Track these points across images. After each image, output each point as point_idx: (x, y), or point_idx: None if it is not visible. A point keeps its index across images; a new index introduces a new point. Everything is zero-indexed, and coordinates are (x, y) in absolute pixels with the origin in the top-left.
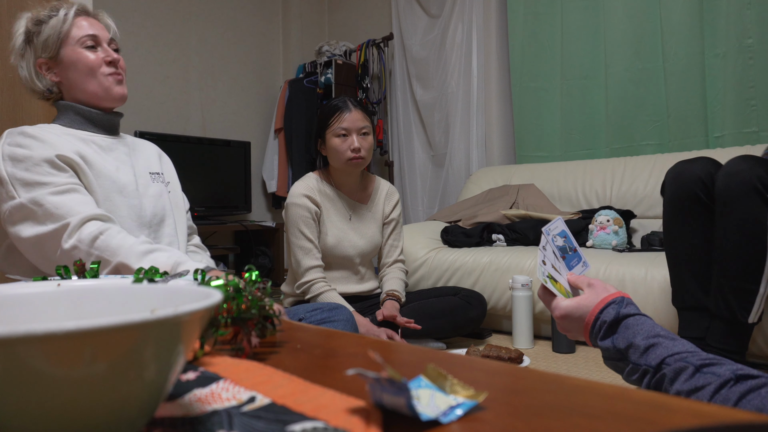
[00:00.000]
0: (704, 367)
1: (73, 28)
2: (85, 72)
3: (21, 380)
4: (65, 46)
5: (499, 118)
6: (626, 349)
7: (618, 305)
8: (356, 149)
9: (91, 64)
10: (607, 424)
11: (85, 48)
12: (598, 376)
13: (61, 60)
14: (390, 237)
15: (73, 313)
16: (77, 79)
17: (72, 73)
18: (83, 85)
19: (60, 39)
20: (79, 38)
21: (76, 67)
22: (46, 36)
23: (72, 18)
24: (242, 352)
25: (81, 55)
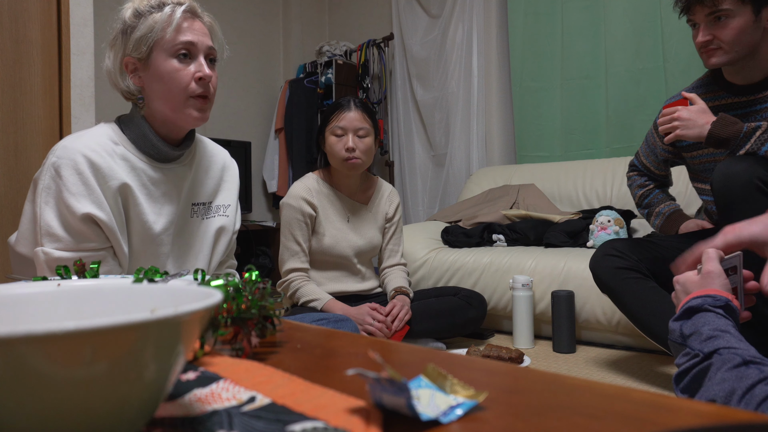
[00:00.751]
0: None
1: (173, 32)
2: (169, 88)
3: (21, 380)
4: (157, 50)
5: (500, 118)
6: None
7: (711, 299)
8: (350, 149)
9: (179, 80)
10: (607, 424)
11: (176, 58)
12: (598, 376)
13: (149, 65)
14: (390, 241)
15: (73, 313)
16: (160, 92)
17: (156, 85)
18: (163, 102)
19: (154, 41)
20: (174, 45)
21: (162, 80)
22: (141, 34)
23: (177, 20)
24: (242, 352)
25: (170, 67)
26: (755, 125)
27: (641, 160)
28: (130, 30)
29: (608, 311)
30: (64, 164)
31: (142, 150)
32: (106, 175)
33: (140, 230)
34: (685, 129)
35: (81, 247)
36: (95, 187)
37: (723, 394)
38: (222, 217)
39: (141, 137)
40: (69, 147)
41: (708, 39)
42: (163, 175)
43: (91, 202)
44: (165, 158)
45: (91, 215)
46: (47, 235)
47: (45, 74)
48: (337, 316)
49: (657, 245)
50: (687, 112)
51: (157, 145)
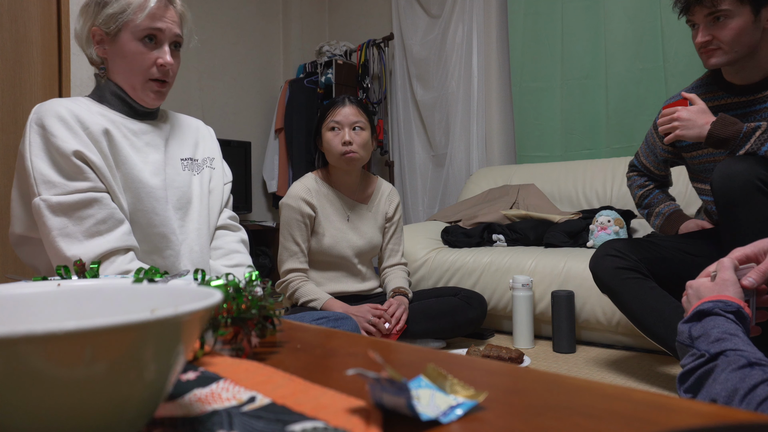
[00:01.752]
0: (757, 365)
1: (144, 17)
2: (130, 68)
3: (21, 380)
4: (125, 30)
5: (500, 118)
6: (698, 337)
7: (723, 304)
8: (347, 142)
9: (141, 63)
10: (607, 424)
11: (141, 41)
12: (598, 376)
13: (115, 42)
14: (390, 241)
15: (73, 313)
16: (122, 69)
17: (119, 61)
18: (124, 78)
19: (123, 22)
20: (143, 30)
21: (125, 59)
22: (113, 12)
23: (151, 7)
24: (242, 352)
25: (134, 49)
26: (755, 125)
27: (641, 161)
28: (104, 3)
29: (608, 311)
30: (45, 115)
31: (117, 109)
32: (87, 121)
33: (131, 180)
34: (684, 129)
35: (77, 188)
36: (80, 131)
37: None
38: (209, 169)
39: (113, 96)
40: (46, 105)
41: (707, 39)
42: (141, 127)
43: (79, 143)
44: (140, 114)
45: (80, 152)
46: (43, 184)
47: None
48: (337, 314)
49: (657, 245)
50: (687, 113)
51: (130, 102)
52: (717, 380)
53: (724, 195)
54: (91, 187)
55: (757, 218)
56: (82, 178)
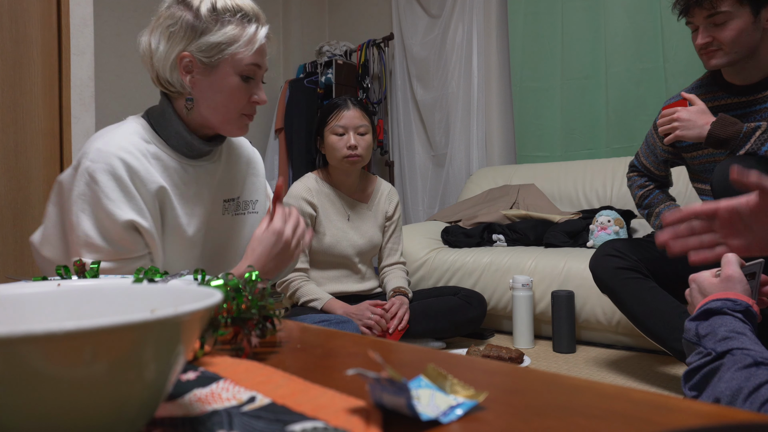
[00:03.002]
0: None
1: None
2: (226, 103)
3: (21, 380)
4: (227, 63)
5: (500, 118)
6: (705, 335)
7: (732, 303)
8: (352, 146)
9: (238, 100)
10: (607, 424)
11: (240, 77)
12: (598, 376)
13: (212, 74)
14: (390, 240)
15: (73, 313)
16: (214, 103)
17: (212, 95)
18: (213, 111)
19: (229, 55)
20: (246, 66)
21: (221, 93)
22: (218, 41)
23: (259, 43)
24: (242, 352)
25: (234, 85)
26: (755, 125)
27: (641, 161)
28: (204, 29)
29: (608, 311)
30: (99, 169)
31: (175, 147)
32: (144, 179)
33: (174, 234)
34: (684, 130)
35: (121, 255)
36: (135, 193)
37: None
38: (252, 214)
39: (174, 135)
40: (103, 150)
41: (708, 41)
42: (194, 173)
43: (132, 209)
44: (197, 154)
45: (133, 222)
46: (85, 246)
47: (45, 74)
48: (339, 317)
49: (655, 245)
50: (686, 113)
51: (192, 143)
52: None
53: (724, 195)
54: (136, 255)
55: None
56: (129, 246)
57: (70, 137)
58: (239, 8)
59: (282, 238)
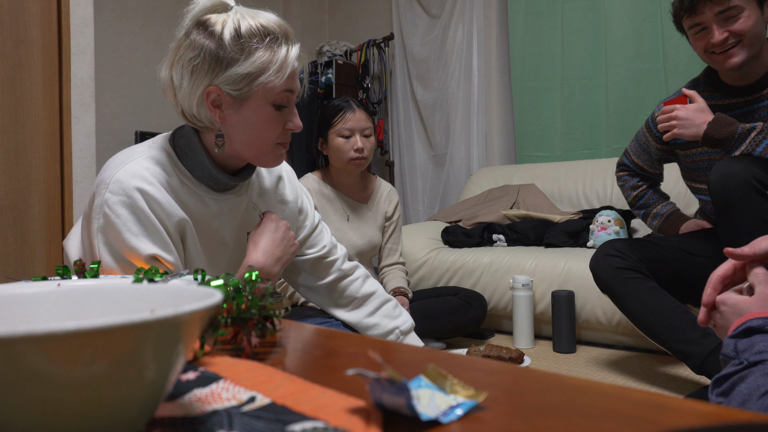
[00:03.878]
0: None
1: (283, 80)
2: (259, 136)
3: (21, 380)
4: (259, 95)
5: (500, 118)
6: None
7: None
8: (359, 149)
9: (272, 131)
10: (607, 424)
11: (273, 106)
12: (598, 376)
13: (243, 107)
14: (389, 240)
15: (73, 313)
16: (246, 137)
17: (243, 129)
18: (247, 146)
19: (261, 84)
20: (278, 94)
21: (254, 127)
22: (247, 72)
23: (291, 66)
24: (242, 352)
25: (268, 116)
26: (750, 126)
27: (632, 159)
28: (230, 60)
29: (608, 311)
30: (119, 202)
31: (199, 178)
32: (167, 210)
33: (192, 265)
34: (682, 128)
35: None
36: (158, 226)
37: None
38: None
39: (199, 167)
40: (122, 181)
41: (725, 36)
42: (217, 208)
43: (155, 243)
44: (222, 188)
45: (156, 256)
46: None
47: (45, 74)
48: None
49: (657, 245)
50: (685, 111)
51: (217, 177)
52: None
53: (722, 195)
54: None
55: (754, 218)
56: None
57: (70, 137)
58: (266, 30)
59: (279, 224)
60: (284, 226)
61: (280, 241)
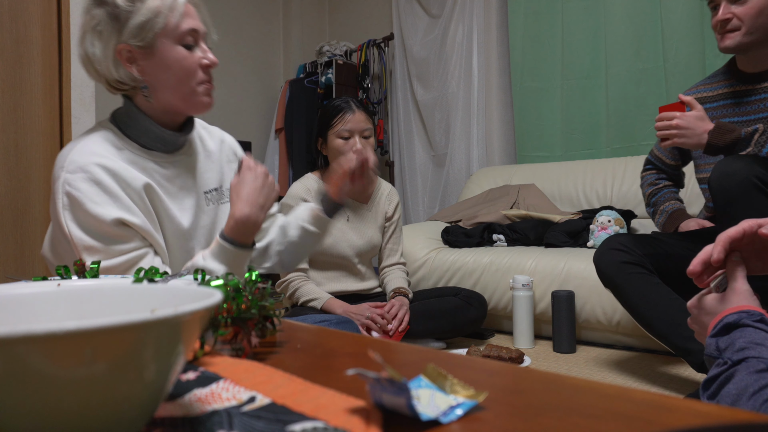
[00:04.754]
0: None
1: (178, 17)
2: (178, 77)
3: (21, 380)
4: (163, 38)
5: (500, 118)
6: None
7: (746, 314)
8: (358, 151)
9: (188, 69)
10: (607, 424)
11: (184, 46)
12: (598, 376)
13: (153, 54)
14: (390, 240)
15: (73, 313)
16: (167, 82)
17: (162, 74)
18: (171, 91)
19: (161, 28)
20: (182, 33)
21: (170, 69)
22: (144, 20)
23: (181, 4)
24: (242, 352)
25: (179, 55)
26: (752, 129)
27: (654, 153)
28: (125, 15)
29: (608, 311)
30: (79, 178)
31: (148, 146)
32: (127, 178)
33: (171, 228)
34: (683, 138)
35: (121, 250)
36: (120, 193)
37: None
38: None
39: (144, 132)
40: (79, 160)
41: (728, 17)
42: (174, 169)
43: (119, 208)
44: (172, 148)
45: (121, 219)
46: (84, 250)
47: (45, 74)
48: (339, 318)
49: (661, 242)
50: (685, 120)
51: (163, 136)
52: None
53: (722, 193)
54: (135, 247)
55: (755, 216)
56: (125, 240)
57: (71, 137)
58: None
59: (258, 170)
60: (263, 173)
61: (261, 189)
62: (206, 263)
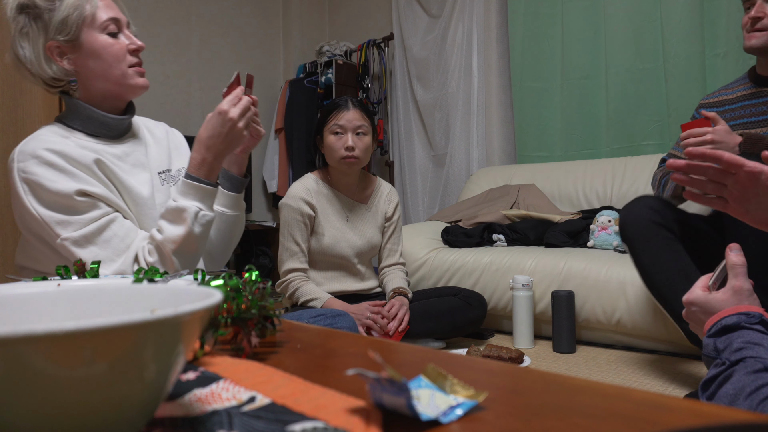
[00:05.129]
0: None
1: (95, 7)
2: (108, 63)
3: (21, 380)
4: (87, 29)
5: (500, 118)
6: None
7: (746, 316)
8: (349, 148)
9: (116, 54)
10: (607, 424)
11: (108, 34)
12: (598, 376)
13: (81, 46)
14: (389, 240)
15: (73, 313)
16: (98, 69)
17: (93, 63)
18: (103, 78)
19: (81, 20)
20: (103, 22)
21: (99, 56)
22: (64, 15)
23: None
24: (242, 352)
25: (105, 42)
26: None
27: (673, 154)
28: (48, 14)
29: (608, 310)
30: (30, 165)
31: (94, 133)
32: (77, 156)
33: (129, 197)
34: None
35: (92, 217)
36: (73, 170)
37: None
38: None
39: (88, 120)
40: (27, 150)
41: (760, 15)
42: (124, 148)
43: (76, 181)
44: (118, 132)
45: (82, 190)
46: (57, 225)
47: None
48: (335, 311)
49: (688, 214)
50: (718, 135)
51: (106, 121)
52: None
53: None
54: (104, 213)
55: None
56: (93, 208)
57: None
58: None
59: (227, 117)
60: (230, 123)
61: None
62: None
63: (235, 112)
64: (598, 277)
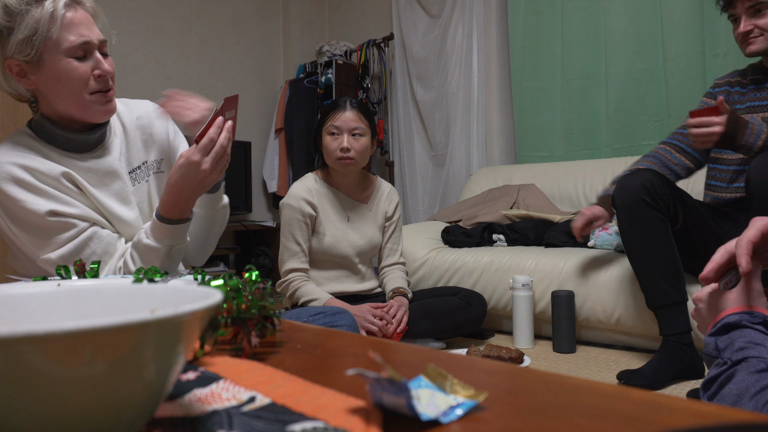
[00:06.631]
0: None
1: (61, 30)
2: (69, 89)
3: (21, 380)
4: (48, 51)
5: (500, 118)
6: (724, 348)
7: (749, 315)
8: (345, 149)
9: (78, 80)
10: (607, 424)
11: (71, 57)
12: (598, 376)
13: (41, 67)
14: (389, 240)
15: (73, 313)
16: (60, 93)
17: (53, 87)
18: (64, 103)
19: (42, 42)
20: (69, 47)
21: (60, 81)
22: (25, 36)
23: (60, 16)
24: (242, 352)
25: (68, 67)
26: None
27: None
28: (7, 31)
29: (608, 309)
30: (2, 183)
31: (61, 146)
32: (44, 170)
33: (103, 206)
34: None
35: (68, 237)
36: (42, 186)
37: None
38: (159, 174)
39: (54, 136)
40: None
41: (749, 29)
42: (93, 160)
43: (47, 200)
44: (84, 148)
45: (54, 210)
46: (33, 245)
47: None
48: (334, 308)
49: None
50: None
51: (69, 137)
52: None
53: (761, 188)
54: (80, 230)
55: None
56: (68, 227)
57: None
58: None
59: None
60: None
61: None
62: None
63: (207, 163)
64: (598, 277)
